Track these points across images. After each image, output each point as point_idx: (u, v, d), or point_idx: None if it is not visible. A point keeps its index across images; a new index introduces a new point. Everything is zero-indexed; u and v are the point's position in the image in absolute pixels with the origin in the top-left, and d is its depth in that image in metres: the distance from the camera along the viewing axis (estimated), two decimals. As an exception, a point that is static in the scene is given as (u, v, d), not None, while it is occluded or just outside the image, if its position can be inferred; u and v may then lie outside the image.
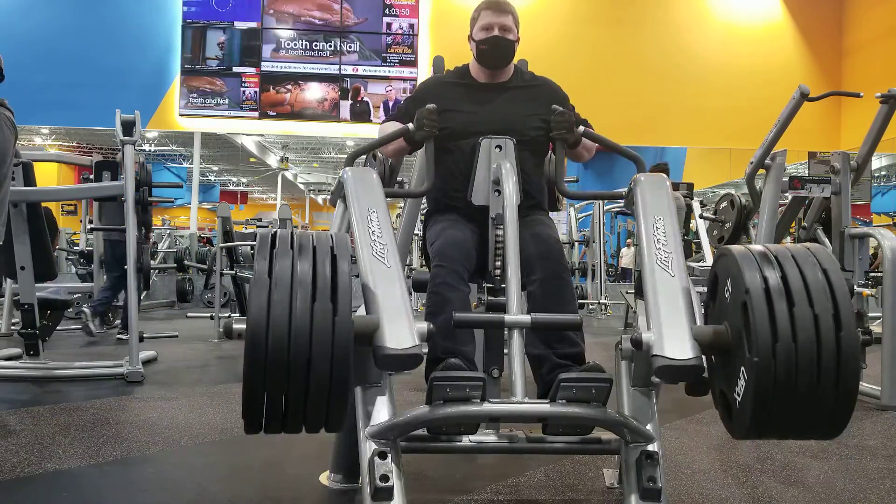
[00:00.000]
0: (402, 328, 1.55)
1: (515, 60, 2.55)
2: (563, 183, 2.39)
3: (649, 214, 1.91)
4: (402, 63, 11.09)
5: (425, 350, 1.66)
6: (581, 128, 2.30)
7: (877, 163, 14.70)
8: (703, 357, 1.58)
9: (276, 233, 1.51)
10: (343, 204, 2.10)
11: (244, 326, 1.40)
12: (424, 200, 2.69)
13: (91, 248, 6.81)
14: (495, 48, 2.43)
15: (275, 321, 1.33)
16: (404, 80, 10.91)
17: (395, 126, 2.38)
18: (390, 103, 11.03)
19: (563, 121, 2.27)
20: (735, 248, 1.54)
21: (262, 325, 1.32)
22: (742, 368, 1.44)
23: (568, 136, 2.28)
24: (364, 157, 2.45)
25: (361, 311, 1.70)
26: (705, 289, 1.76)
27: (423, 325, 1.59)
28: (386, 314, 1.55)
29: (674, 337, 1.58)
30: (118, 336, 5.94)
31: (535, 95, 2.49)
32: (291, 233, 1.52)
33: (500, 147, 2.27)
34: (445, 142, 2.36)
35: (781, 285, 1.40)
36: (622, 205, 2.26)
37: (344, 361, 1.35)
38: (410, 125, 2.27)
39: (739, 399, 1.46)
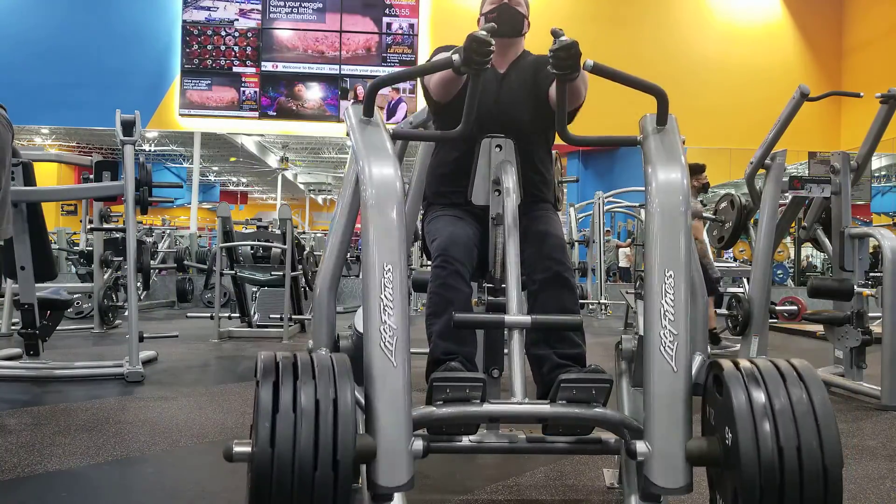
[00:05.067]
0: (398, 461, 1.51)
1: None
2: (566, 128, 2.07)
3: (660, 262, 1.69)
4: (402, 63, 11.09)
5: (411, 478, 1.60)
6: (590, 61, 1.85)
7: (877, 163, 14.69)
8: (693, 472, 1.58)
9: (276, 359, 1.50)
10: (354, 187, 1.99)
11: (246, 450, 1.41)
12: (425, 191, 2.61)
13: (91, 248, 6.81)
14: (504, 14, 2.33)
15: (280, 449, 1.36)
16: (404, 80, 10.93)
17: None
18: (391, 103, 11.03)
19: (567, 56, 1.87)
20: (726, 365, 1.55)
21: (268, 452, 1.36)
22: (731, 489, 1.48)
23: (572, 74, 1.91)
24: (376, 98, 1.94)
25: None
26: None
27: (420, 446, 1.55)
28: (384, 441, 1.51)
29: (667, 461, 1.57)
30: None
31: (541, 78, 2.34)
32: (295, 357, 1.51)
33: (500, 147, 2.25)
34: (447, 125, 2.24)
35: (770, 423, 1.42)
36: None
37: (346, 484, 1.38)
38: (455, 56, 1.85)
39: None
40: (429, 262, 2.37)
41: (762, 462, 1.39)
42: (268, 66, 11.09)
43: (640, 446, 1.59)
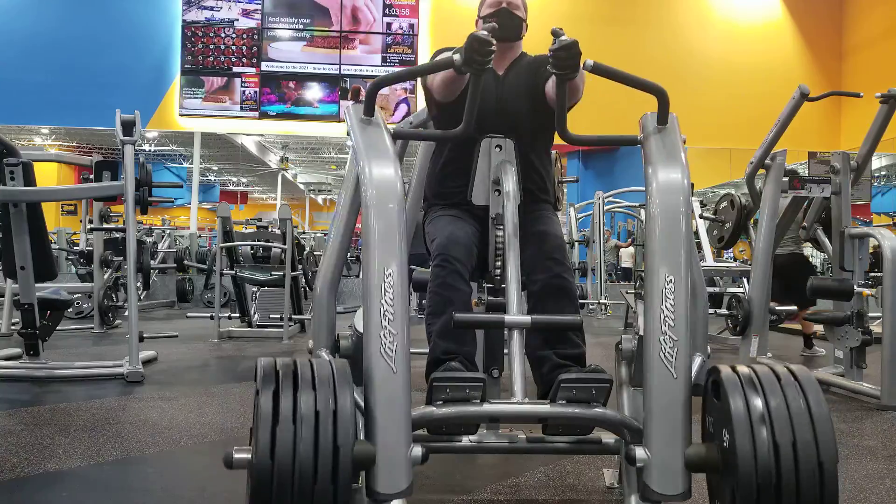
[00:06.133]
0: (397, 468, 1.52)
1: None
2: (566, 128, 2.05)
3: (660, 265, 1.69)
4: (402, 63, 11.09)
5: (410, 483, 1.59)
6: (589, 61, 1.86)
7: (877, 163, 14.69)
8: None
9: (276, 366, 1.50)
10: (355, 187, 1.98)
11: (245, 457, 1.42)
12: (425, 192, 2.61)
13: (91, 248, 6.82)
14: (503, 18, 2.34)
15: (280, 457, 1.36)
16: (404, 80, 10.92)
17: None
18: (398, 101, 11.03)
19: (568, 56, 1.87)
20: (724, 370, 1.55)
21: (268, 462, 1.36)
22: (730, 493, 1.48)
23: (572, 74, 1.91)
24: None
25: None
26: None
27: (419, 452, 1.55)
28: (383, 448, 1.51)
29: (666, 468, 1.58)
30: None
31: (539, 79, 2.35)
32: (295, 364, 1.50)
33: (500, 147, 2.25)
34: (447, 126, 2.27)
35: (767, 423, 1.43)
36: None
37: (345, 493, 1.38)
38: (456, 55, 1.86)
39: None
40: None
41: (758, 459, 1.40)
42: (268, 67, 11.09)
43: (640, 452, 1.59)
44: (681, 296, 1.65)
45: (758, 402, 1.45)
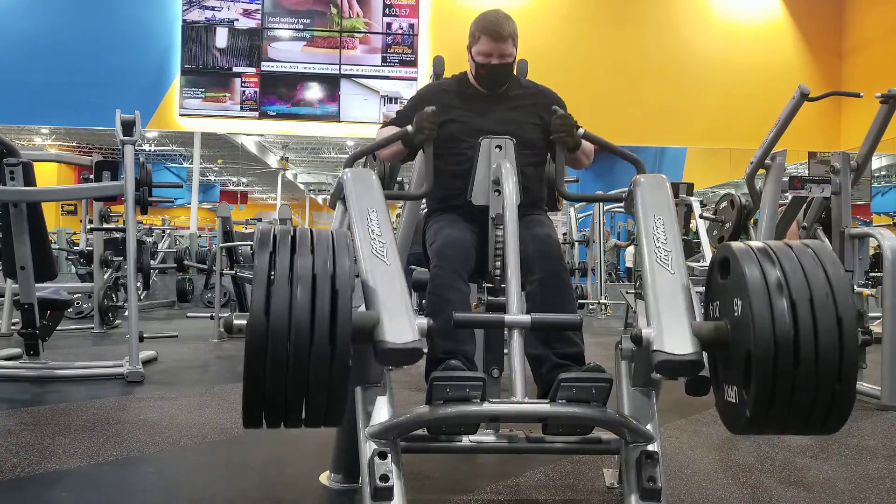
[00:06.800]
0: (402, 323, 1.55)
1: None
2: (563, 185, 2.38)
3: (649, 214, 1.90)
4: (402, 63, 11.09)
5: (425, 349, 1.66)
6: (581, 129, 2.29)
7: (877, 163, 14.70)
8: (704, 353, 1.58)
9: (275, 229, 1.51)
10: (343, 206, 2.10)
11: (244, 322, 1.41)
12: (424, 201, 2.68)
13: (91, 248, 6.82)
14: (492, 76, 2.46)
15: (275, 317, 1.34)
16: (404, 80, 10.92)
17: (393, 130, 2.38)
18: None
19: (564, 123, 2.27)
20: (734, 244, 1.54)
21: (263, 320, 1.34)
22: (741, 363, 1.44)
23: (568, 139, 2.27)
24: (363, 158, 2.45)
25: (363, 310, 1.70)
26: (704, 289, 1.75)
27: (423, 321, 1.59)
28: (386, 310, 1.56)
29: (674, 333, 1.58)
30: None
31: (534, 102, 2.50)
32: (293, 229, 1.53)
33: (500, 147, 2.27)
34: (445, 143, 2.37)
35: (781, 280, 1.41)
36: (623, 206, 2.25)
37: (343, 356, 1.36)
38: (409, 128, 2.27)
39: (739, 394, 1.46)
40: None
41: (775, 315, 1.37)
42: (268, 67, 11.09)
43: (646, 330, 1.61)
44: (670, 228, 1.84)
45: (772, 268, 1.44)
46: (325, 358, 1.34)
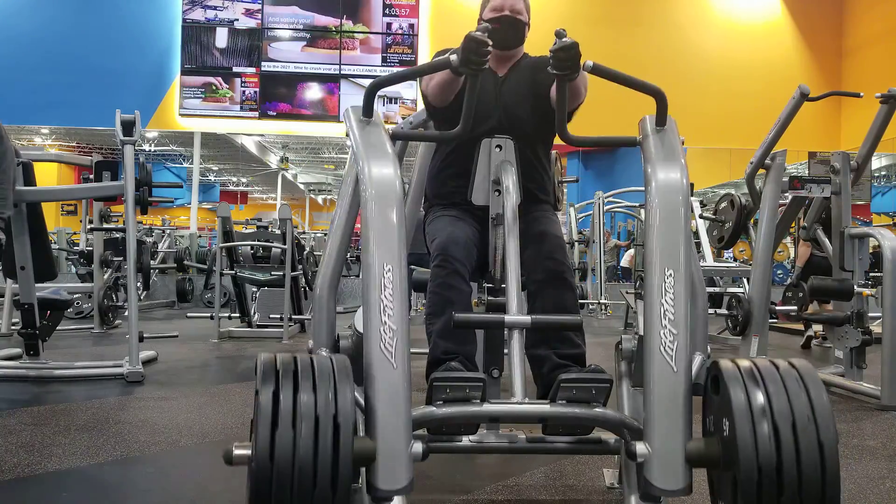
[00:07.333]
0: (397, 463, 1.50)
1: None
2: (565, 128, 2.07)
3: (659, 261, 1.69)
4: (402, 63, 11.09)
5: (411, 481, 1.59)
6: (589, 62, 1.84)
7: (877, 163, 14.69)
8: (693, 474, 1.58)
9: (276, 363, 1.49)
10: (354, 167, 1.94)
11: (244, 453, 1.41)
12: (424, 201, 2.65)
13: (91, 248, 6.82)
14: (505, 27, 2.36)
15: (279, 460, 1.35)
16: (404, 80, 10.93)
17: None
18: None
19: (567, 56, 1.87)
20: (723, 362, 1.55)
21: (268, 465, 1.35)
22: (730, 483, 1.48)
23: (572, 73, 1.91)
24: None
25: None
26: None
27: (419, 448, 1.54)
28: (383, 444, 1.50)
29: (667, 463, 1.57)
30: None
31: (540, 80, 2.35)
32: (294, 361, 1.49)
33: (500, 147, 2.26)
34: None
35: (765, 405, 1.43)
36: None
37: (343, 500, 1.38)
38: (453, 56, 1.85)
39: None
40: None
41: (758, 441, 1.39)
42: (268, 67, 11.09)
43: (640, 448, 1.58)
44: (680, 290, 1.65)
45: (757, 391, 1.45)
46: (327, 501, 1.36)
